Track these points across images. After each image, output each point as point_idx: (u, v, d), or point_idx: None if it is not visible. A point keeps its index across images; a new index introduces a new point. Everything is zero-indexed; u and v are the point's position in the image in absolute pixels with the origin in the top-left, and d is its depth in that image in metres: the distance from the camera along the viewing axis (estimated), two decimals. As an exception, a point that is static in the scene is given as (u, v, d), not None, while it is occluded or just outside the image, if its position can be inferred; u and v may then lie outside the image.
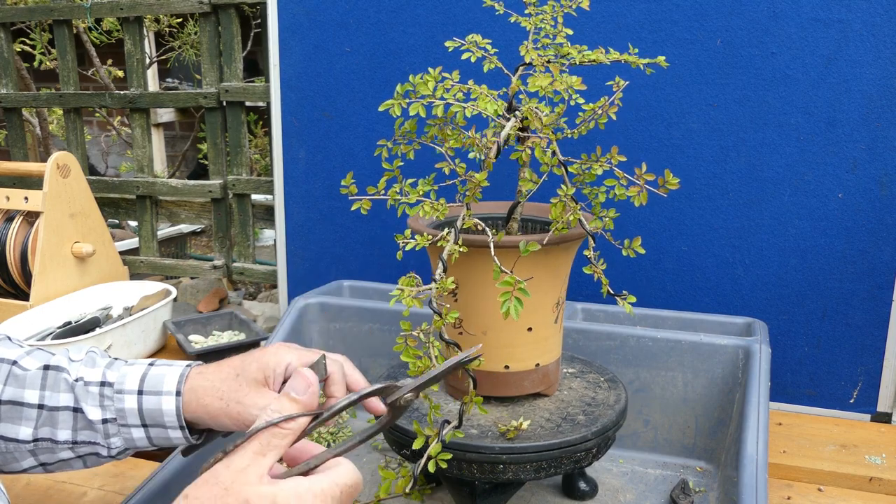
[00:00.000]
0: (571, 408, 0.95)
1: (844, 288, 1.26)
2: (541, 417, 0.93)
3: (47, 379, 0.76)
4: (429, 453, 0.79)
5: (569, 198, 0.82)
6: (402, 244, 0.82)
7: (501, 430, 0.88)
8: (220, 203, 1.87)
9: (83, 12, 1.89)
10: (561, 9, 0.93)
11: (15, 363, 0.76)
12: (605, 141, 0.90)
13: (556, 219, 0.82)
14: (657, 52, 1.29)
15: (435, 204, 0.87)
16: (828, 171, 1.24)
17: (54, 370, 0.76)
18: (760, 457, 0.91)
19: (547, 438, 0.87)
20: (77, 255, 1.62)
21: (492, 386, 0.94)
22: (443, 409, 0.96)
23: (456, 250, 0.78)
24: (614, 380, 1.03)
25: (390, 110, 0.82)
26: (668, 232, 1.34)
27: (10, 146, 2.13)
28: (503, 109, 0.83)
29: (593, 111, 0.87)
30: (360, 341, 1.31)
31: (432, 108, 0.81)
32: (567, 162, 0.85)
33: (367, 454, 1.19)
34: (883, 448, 1.15)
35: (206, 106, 1.81)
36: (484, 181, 0.81)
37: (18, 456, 0.76)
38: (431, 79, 0.82)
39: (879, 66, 1.19)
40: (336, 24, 1.49)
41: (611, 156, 0.85)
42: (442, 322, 0.77)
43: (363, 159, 1.51)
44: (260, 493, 0.54)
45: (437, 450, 0.78)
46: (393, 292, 0.76)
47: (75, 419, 0.76)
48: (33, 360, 0.77)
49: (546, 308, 0.93)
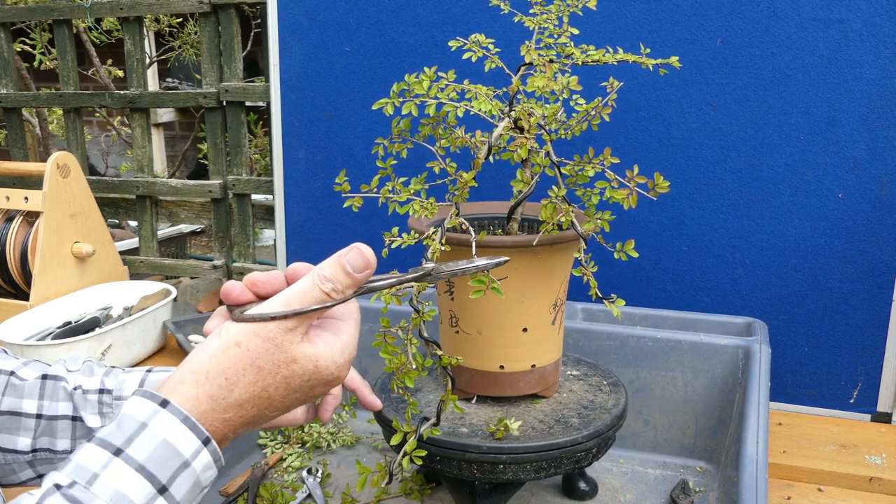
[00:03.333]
0: (567, 410, 0.95)
1: (844, 288, 1.26)
2: (533, 419, 0.92)
3: (45, 388, 0.75)
4: (405, 449, 0.80)
5: (560, 199, 0.82)
6: (388, 241, 0.83)
7: (490, 429, 0.88)
8: (220, 203, 1.87)
9: (83, 12, 1.89)
10: (567, 8, 0.93)
11: (13, 374, 0.75)
12: (605, 141, 0.90)
13: (547, 219, 0.82)
14: (657, 51, 1.29)
15: (425, 203, 0.87)
16: (828, 171, 1.24)
17: (52, 379, 0.76)
18: (760, 457, 0.91)
19: (537, 440, 0.87)
20: (77, 255, 1.62)
21: (487, 386, 0.95)
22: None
23: (438, 249, 0.78)
24: (617, 384, 1.03)
25: (383, 109, 0.82)
26: (668, 232, 1.33)
27: (10, 146, 2.13)
28: (497, 110, 0.83)
29: (587, 112, 0.87)
30: (360, 341, 1.30)
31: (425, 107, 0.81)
32: (560, 163, 0.85)
33: (367, 454, 1.19)
34: (883, 448, 1.15)
35: (206, 106, 1.81)
36: (472, 181, 0.82)
37: (17, 468, 0.76)
38: (427, 78, 0.82)
39: (879, 66, 1.19)
40: (336, 24, 1.48)
41: (603, 157, 0.84)
42: (420, 319, 0.77)
43: (363, 159, 1.51)
44: (305, 354, 0.58)
45: (412, 446, 0.80)
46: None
47: (74, 427, 0.75)
48: (31, 371, 0.76)
49: (541, 309, 0.93)
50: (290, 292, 0.59)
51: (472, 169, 0.82)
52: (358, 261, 0.60)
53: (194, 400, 0.55)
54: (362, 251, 0.61)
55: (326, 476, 1.11)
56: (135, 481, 0.51)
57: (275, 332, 0.57)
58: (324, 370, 0.60)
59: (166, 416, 0.54)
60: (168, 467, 0.53)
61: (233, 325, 0.58)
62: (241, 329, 0.57)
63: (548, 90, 0.82)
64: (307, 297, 0.59)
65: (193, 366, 0.57)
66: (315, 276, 0.60)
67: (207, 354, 0.57)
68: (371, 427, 1.26)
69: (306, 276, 0.60)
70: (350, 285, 0.61)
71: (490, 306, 0.90)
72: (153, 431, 0.53)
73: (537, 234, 0.85)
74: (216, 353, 0.57)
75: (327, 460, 1.17)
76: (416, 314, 0.77)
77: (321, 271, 0.60)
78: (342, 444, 1.22)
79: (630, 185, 0.80)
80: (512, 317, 0.91)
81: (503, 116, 0.83)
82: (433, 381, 1.03)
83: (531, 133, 0.82)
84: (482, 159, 0.82)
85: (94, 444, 0.53)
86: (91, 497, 0.50)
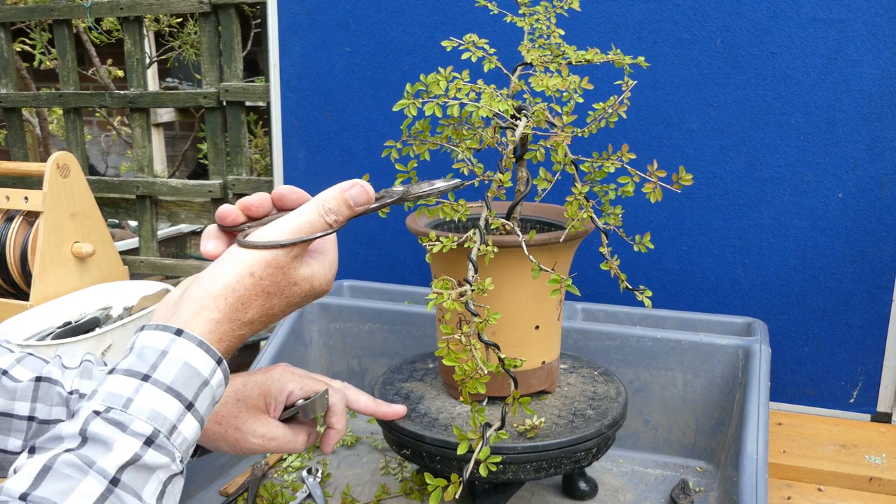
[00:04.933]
0: (578, 403, 0.96)
1: (844, 288, 1.26)
2: (551, 414, 0.93)
3: (39, 391, 0.74)
4: (476, 457, 0.76)
5: (582, 196, 0.83)
6: (428, 247, 0.81)
7: (520, 430, 0.88)
8: (220, 203, 1.87)
9: (83, 12, 1.89)
10: (553, 9, 0.93)
11: (5, 373, 0.74)
12: (606, 141, 0.90)
13: (572, 216, 0.83)
14: (657, 52, 1.29)
15: (454, 205, 0.86)
16: (828, 171, 1.24)
17: (47, 382, 0.75)
18: (760, 457, 0.91)
19: (565, 435, 0.88)
20: (77, 255, 1.62)
21: (500, 386, 0.95)
22: (443, 410, 0.96)
23: (489, 252, 0.78)
24: (607, 373, 1.05)
25: (405, 110, 0.82)
26: (668, 232, 1.34)
27: (10, 146, 2.13)
28: (514, 109, 0.83)
29: (604, 110, 0.87)
30: (360, 341, 1.31)
31: (447, 108, 0.81)
32: (578, 161, 0.86)
33: (367, 454, 1.19)
34: (883, 448, 1.15)
35: (206, 106, 1.81)
36: (508, 181, 0.83)
37: (6, 466, 0.75)
38: (443, 78, 0.82)
39: (879, 65, 1.19)
40: (336, 24, 1.48)
41: (621, 154, 0.86)
42: (485, 324, 0.75)
43: (363, 159, 1.51)
44: (304, 276, 0.67)
45: (485, 453, 0.76)
46: (429, 295, 0.75)
47: None
48: (25, 371, 0.75)
49: (552, 306, 0.94)
50: (296, 221, 0.65)
51: (501, 169, 0.82)
52: (361, 197, 0.68)
53: (216, 323, 0.62)
54: (366, 188, 0.68)
55: (326, 476, 1.11)
56: (166, 400, 0.57)
57: (283, 259, 0.64)
58: (317, 287, 0.69)
59: (183, 343, 0.60)
60: (191, 386, 0.59)
61: (243, 253, 0.64)
62: (254, 259, 0.64)
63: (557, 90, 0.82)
64: (313, 226, 0.65)
65: (213, 292, 0.63)
66: (320, 207, 0.66)
67: (223, 283, 0.63)
68: (371, 427, 1.26)
69: (310, 207, 0.66)
70: (349, 216, 0.68)
71: (506, 305, 0.89)
72: (174, 356, 0.59)
73: (558, 232, 0.87)
74: (231, 283, 0.63)
75: (327, 460, 1.17)
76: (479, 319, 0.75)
77: (326, 204, 0.66)
78: (342, 443, 1.22)
79: (653, 180, 0.81)
80: (526, 315, 0.92)
81: (518, 116, 0.84)
82: (434, 388, 1.04)
83: (564, 133, 0.83)
84: (513, 158, 0.83)
85: (119, 375, 0.57)
86: (130, 418, 0.55)
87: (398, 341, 1.29)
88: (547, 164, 0.85)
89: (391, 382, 1.03)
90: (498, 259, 0.80)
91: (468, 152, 0.88)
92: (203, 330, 0.61)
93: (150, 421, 0.55)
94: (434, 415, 0.94)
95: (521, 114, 0.84)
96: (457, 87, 0.82)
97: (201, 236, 0.71)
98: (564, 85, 0.83)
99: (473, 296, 0.75)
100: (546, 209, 1.04)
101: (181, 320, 0.62)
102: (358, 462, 1.16)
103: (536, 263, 0.79)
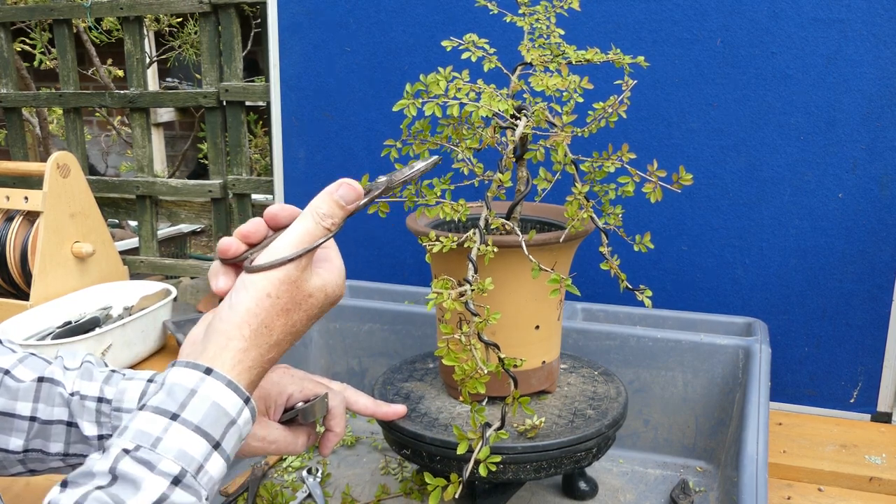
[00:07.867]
0: (578, 403, 0.96)
1: (844, 288, 1.26)
2: (551, 414, 0.93)
3: (41, 391, 0.75)
4: (476, 457, 0.76)
5: (582, 196, 0.83)
6: (428, 247, 0.81)
7: (520, 430, 0.88)
8: (220, 203, 1.87)
9: (83, 12, 1.89)
10: (553, 9, 0.93)
11: (7, 372, 0.74)
12: (606, 140, 0.90)
13: (572, 216, 0.83)
14: (657, 51, 1.29)
15: (454, 205, 0.86)
16: (828, 171, 1.24)
17: (49, 382, 0.75)
18: (760, 457, 0.91)
19: (565, 435, 0.88)
20: (77, 254, 1.62)
21: (500, 385, 0.95)
22: (443, 410, 0.96)
23: (489, 252, 0.78)
24: (608, 373, 1.05)
25: (405, 110, 0.82)
26: (668, 232, 1.33)
27: (10, 146, 2.13)
28: (514, 109, 0.83)
29: (604, 110, 0.87)
30: (360, 341, 1.31)
31: (447, 107, 0.81)
32: (578, 161, 0.86)
33: (367, 454, 1.19)
34: (883, 448, 1.15)
35: (206, 106, 1.81)
36: (508, 181, 0.82)
37: (7, 464, 0.76)
38: (442, 78, 0.82)
39: (879, 65, 1.18)
40: (336, 24, 1.48)
41: (621, 153, 0.86)
42: (485, 324, 0.75)
43: (363, 159, 1.51)
44: (317, 286, 0.67)
45: (485, 453, 0.76)
46: (429, 295, 0.75)
47: (69, 433, 0.75)
48: (27, 371, 0.75)
49: (553, 305, 0.94)
50: (296, 234, 0.66)
51: (501, 169, 0.82)
52: (350, 194, 0.68)
53: (244, 352, 0.63)
54: (352, 185, 0.69)
55: (326, 476, 1.11)
56: (194, 440, 0.58)
57: (294, 273, 0.65)
58: (332, 295, 0.69)
59: (212, 382, 0.61)
60: (219, 425, 0.60)
61: (255, 278, 0.64)
62: (267, 281, 0.64)
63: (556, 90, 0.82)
64: (312, 235, 0.66)
65: (236, 321, 0.63)
66: (314, 214, 0.67)
67: (244, 310, 0.63)
68: (371, 427, 1.26)
69: (304, 217, 0.67)
70: (344, 216, 0.69)
71: (506, 305, 0.89)
72: (203, 395, 0.60)
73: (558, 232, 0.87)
74: (251, 308, 0.64)
75: (327, 460, 1.17)
76: (479, 319, 0.75)
77: (319, 210, 0.67)
78: (342, 443, 1.22)
79: (653, 180, 0.82)
80: (526, 315, 0.92)
81: (519, 116, 0.84)
82: (434, 388, 1.04)
83: (564, 132, 0.83)
84: (513, 158, 0.83)
85: (148, 412, 0.59)
86: (158, 458, 0.56)
87: (398, 341, 1.29)
88: (547, 164, 0.85)
89: (391, 382, 1.03)
90: (498, 259, 0.80)
91: (468, 152, 0.88)
92: (232, 362, 0.62)
93: (178, 460, 0.57)
94: (434, 415, 0.94)
95: (520, 113, 0.84)
96: (457, 87, 0.82)
97: (208, 275, 0.71)
98: (564, 85, 0.83)
99: (473, 296, 0.75)
100: (546, 209, 1.04)
101: (209, 356, 0.62)
102: (358, 462, 1.16)
103: (536, 263, 0.79)
